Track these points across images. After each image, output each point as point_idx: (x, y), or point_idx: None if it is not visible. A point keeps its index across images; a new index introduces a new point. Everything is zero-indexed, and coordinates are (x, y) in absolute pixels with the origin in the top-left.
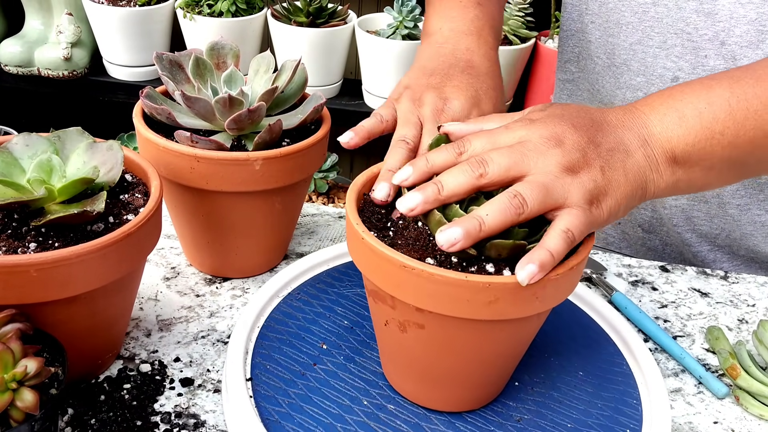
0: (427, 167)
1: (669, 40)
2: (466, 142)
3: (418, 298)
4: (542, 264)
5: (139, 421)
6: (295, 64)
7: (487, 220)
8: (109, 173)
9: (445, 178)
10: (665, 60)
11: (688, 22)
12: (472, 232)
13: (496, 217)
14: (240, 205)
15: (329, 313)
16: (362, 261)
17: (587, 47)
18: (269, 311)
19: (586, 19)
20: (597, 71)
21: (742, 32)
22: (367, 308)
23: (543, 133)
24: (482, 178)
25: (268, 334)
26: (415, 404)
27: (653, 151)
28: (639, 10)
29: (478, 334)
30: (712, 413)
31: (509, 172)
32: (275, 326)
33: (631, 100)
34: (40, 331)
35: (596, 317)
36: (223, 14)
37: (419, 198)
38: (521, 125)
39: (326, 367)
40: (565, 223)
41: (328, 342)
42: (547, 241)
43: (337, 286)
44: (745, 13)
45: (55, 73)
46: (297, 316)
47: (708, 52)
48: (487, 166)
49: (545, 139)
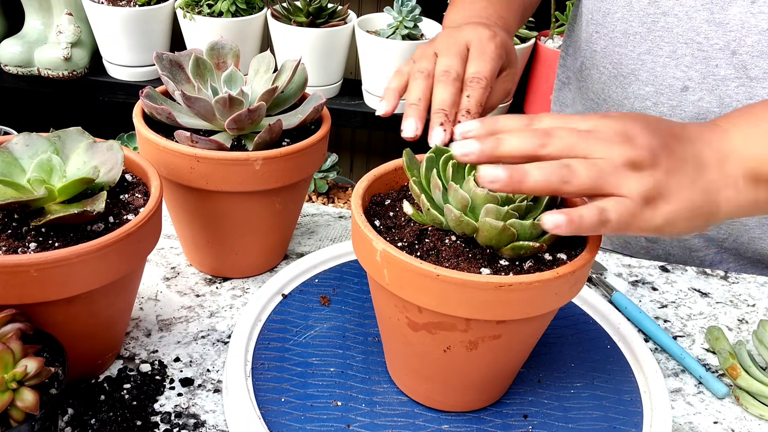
0: (493, 127)
1: (679, 50)
2: (538, 117)
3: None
4: (570, 220)
5: (139, 421)
6: (295, 64)
7: (531, 176)
8: (109, 173)
9: (508, 136)
10: (675, 70)
11: (699, 32)
12: (515, 179)
13: (540, 176)
14: (240, 205)
15: (329, 313)
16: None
17: (592, 57)
18: (269, 311)
19: (591, 28)
20: (603, 81)
21: (753, 42)
22: (366, 308)
23: (616, 126)
24: (543, 148)
25: (268, 334)
26: (419, 404)
27: (733, 166)
28: (648, 20)
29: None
30: (712, 413)
31: (571, 150)
32: (275, 326)
33: (639, 109)
34: (40, 331)
35: (596, 317)
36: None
37: (476, 146)
38: (598, 117)
39: (327, 366)
40: (607, 204)
41: (329, 342)
42: (581, 209)
43: (338, 286)
44: (756, 22)
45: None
46: (297, 315)
47: (719, 62)
48: (551, 138)
49: (616, 132)
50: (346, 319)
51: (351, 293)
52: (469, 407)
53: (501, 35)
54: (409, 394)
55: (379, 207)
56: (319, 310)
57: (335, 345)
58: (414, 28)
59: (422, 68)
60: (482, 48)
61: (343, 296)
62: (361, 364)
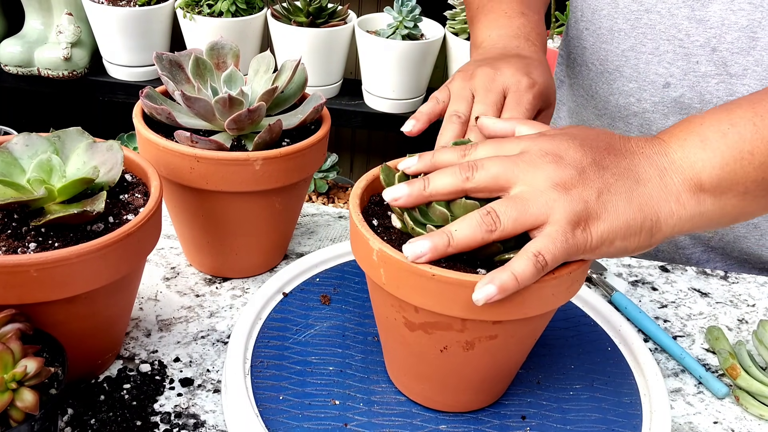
0: (431, 162)
1: (661, 47)
2: (473, 146)
3: (494, 312)
4: (503, 287)
5: (139, 421)
6: (295, 64)
7: (456, 236)
8: (109, 173)
9: (434, 176)
10: (657, 66)
11: (680, 29)
12: (440, 247)
13: (465, 234)
14: (240, 205)
15: (329, 313)
16: (418, 294)
17: (582, 53)
18: (269, 311)
19: (581, 25)
20: (591, 77)
21: (733, 39)
22: (366, 308)
23: (544, 146)
24: (467, 182)
25: (267, 333)
26: (417, 404)
27: (672, 179)
28: (632, 17)
29: (525, 331)
30: (712, 413)
31: (497, 181)
32: (275, 326)
33: (624, 105)
34: (40, 331)
35: (596, 317)
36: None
37: (405, 190)
38: (531, 138)
39: (326, 366)
40: (537, 246)
41: (329, 341)
42: (514, 264)
43: (338, 286)
44: (736, 19)
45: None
46: (297, 315)
47: (699, 58)
48: (476, 171)
49: (543, 153)
50: (346, 318)
51: (351, 293)
52: (467, 408)
53: (540, 82)
54: (407, 394)
55: (378, 207)
56: (319, 309)
57: (334, 344)
58: (414, 28)
59: (460, 111)
60: (519, 98)
61: (343, 296)
62: (360, 363)
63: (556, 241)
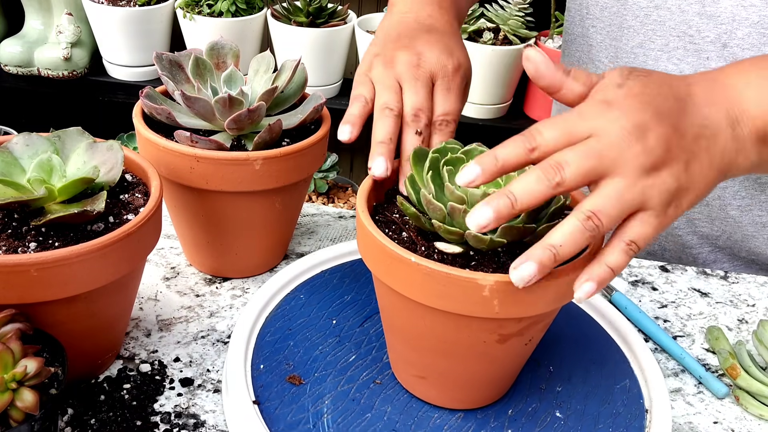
0: (496, 166)
1: (671, 43)
2: (535, 133)
3: (498, 311)
4: (600, 281)
5: (139, 421)
6: (295, 64)
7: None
8: (109, 173)
9: (519, 188)
10: (667, 62)
11: (691, 25)
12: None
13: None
14: (240, 205)
15: (329, 313)
16: (419, 291)
17: (589, 51)
18: (269, 311)
19: (587, 23)
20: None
21: (744, 35)
22: (366, 308)
23: (624, 124)
24: (559, 186)
25: (268, 334)
26: (421, 401)
27: (743, 130)
28: (641, 13)
29: (541, 326)
30: (712, 413)
31: (588, 178)
32: (275, 326)
33: None
34: (40, 331)
35: (596, 317)
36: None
37: (490, 213)
38: (597, 111)
39: (327, 366)
40: (631, 235)
41: (329, 341)
42: (608, 256)
43: (338, 286)
44: (747, 15)
45: (55, 73)
46: (297, 315)
47: (710, 54)
48: (563, 171)
49: (626, 133)
50: (347, 317)
51: (352, 293)
52: (470, 405)
53: (463, 62)
54: (412, 392)
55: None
56: (318, 310)
57: (336, 344)
58: None
59: (390, 104)
60: (448, 84)
61: (343, 296)
62: (363, 362)
63: (650, 227)
